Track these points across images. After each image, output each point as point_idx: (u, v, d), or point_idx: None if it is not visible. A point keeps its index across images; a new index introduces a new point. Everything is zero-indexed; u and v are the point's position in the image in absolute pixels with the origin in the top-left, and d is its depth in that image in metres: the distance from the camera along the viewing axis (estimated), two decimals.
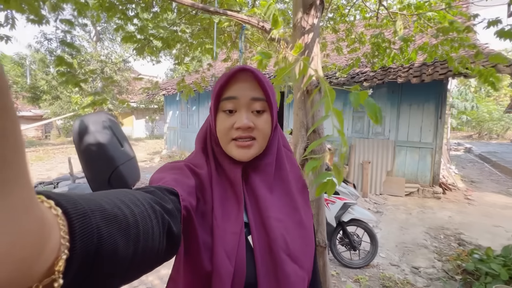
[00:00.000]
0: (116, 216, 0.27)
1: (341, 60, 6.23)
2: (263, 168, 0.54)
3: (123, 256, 0.26)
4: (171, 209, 0.37)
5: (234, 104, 0.50)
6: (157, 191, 0.38)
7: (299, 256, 0.51)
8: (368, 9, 3.56)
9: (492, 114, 16.77)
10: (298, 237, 0.53)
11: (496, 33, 2.46)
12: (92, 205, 0.25)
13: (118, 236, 0.26)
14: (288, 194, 0.56)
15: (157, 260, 0.34)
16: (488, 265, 2.17)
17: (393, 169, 5.06)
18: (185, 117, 8.61)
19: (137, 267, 0.30)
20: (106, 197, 0.28)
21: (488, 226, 3.49)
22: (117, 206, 0.28)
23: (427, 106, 4.72)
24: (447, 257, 2.71)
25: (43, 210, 0.19)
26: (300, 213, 0.55)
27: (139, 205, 0.31)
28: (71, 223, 0.21)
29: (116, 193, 0.31)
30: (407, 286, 2.27)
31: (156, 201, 0.35)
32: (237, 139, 0.50)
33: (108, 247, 0.24)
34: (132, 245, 0.28)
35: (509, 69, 3.52)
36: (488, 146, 12.48)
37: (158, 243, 0.32)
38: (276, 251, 0.48)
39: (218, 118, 0.52)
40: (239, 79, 0.50)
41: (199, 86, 4.06)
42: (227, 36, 3.57)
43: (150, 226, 0.31)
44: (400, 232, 3.37)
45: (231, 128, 0.50)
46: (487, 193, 5.19)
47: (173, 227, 0.35)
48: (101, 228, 0.24)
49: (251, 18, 1.52)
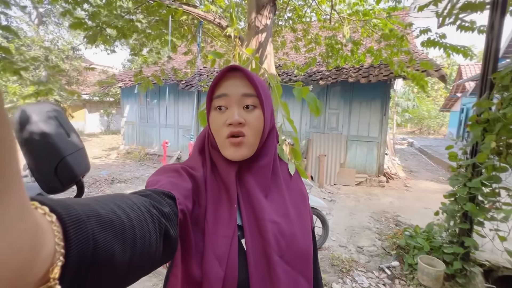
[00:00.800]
0: (112, 221, 0.26)
1: (300, 58, 6.52)
2: (258, 170, 0.54)
3: (120, 260, 0.27)
4: (168, 212, 0.37)
5: (226, 101, 0.51)
6: (153, 195, 0.38)
7: (293, 258, 0.50)
8: (323, 12, 3.82)
9: (430, 113, 19.12)
10: (293, 239, 0.52)
11: (422, 43, 2.85)
12: (87, 211, 0.25)
13: (115, 241, 0.26)
14: (284, 197, 0.55)
15: (154, 263, 0.34)
16: (415, 240, 2.56)
17: (345, 161, 5.53)
18: (144, 111, 8.20)
19: (135, 271, 0.30)
20: (101, 202, 0.28)
21: (420, 209, 4.06)
22: (112, 211, 0.28)
23: (374, 104, 5.24)
24: (386, 236, 3.11)
25: (37, 216, 0.19)
26: (297, 216, 0.55)
27: (136, 209, 0.31)
28: (66, 229, 0.21)
29: (112, 197, 0.31)
30: (352, 263, 2.57)
31: (153, 204, 0.35)
32: (230, 136, 0.50)
33: (104, 252, 0.24)
34: (129, 249, 0.28)
35: (437, 74, 4.09)
36: (426, 141, 14.21)
37: (155, 247, 0.32)
38: (270, 253, 0.48)
39: (211, 116, 0.52)
40: (230, 78, 0.51)
41: (158, 79, 3.94)
42: (187, 29, 3.52)
43: (146, 230, 0.31)
44: (349, 217, 3.74)
45: (223, 125, 0.50)
46: (422, 180, 5.98)
47: (170, 231, 0.35)
48: (96, 233, 0.24)
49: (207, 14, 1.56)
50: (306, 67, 4.08)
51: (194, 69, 4.40)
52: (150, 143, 8.16)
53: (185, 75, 4.97)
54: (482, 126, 2.00)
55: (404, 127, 20.98)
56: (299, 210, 0.56)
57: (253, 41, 1.66)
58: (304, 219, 0.56)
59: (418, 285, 2.18)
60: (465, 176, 2.15)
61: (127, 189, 5.00)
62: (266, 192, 0.54)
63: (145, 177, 5.89)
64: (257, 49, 1.68)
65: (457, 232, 2.28)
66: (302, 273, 0.51)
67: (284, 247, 0.50)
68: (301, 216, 0.56)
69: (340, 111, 5.55)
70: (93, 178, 5.45)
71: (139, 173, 6.22)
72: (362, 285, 2.23)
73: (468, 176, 2.14)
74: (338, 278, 2.32)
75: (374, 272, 2.42)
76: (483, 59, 2.17)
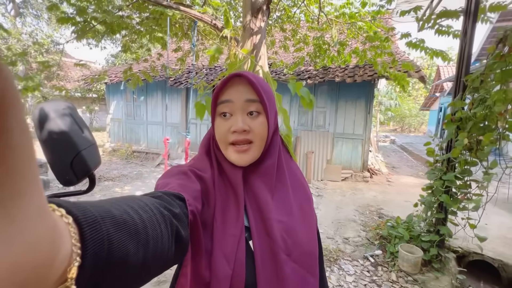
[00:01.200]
0: (125, 222, 0.27)
1: (289, 57, 6.65)
2: (264, 170, 0.55)
3: (134, 260, 0.27)
4: (179, 213, 0.37)
5: (230, 107, 0.51)
6: (164, 196, 0.39)
7: (300, 256, 0.51)
8: (311, 13, 3.94)
9: (411, 111, 19.94)
10: (299, 238, 0.53)
11: (407, 43, 3.04)
12: (102, 212, 0.25)
13: (128, 241, 0.27)
14: (289, 195, 0.57)
15: (167, 263, 0.34)
16: (396, 230, 2.75)
17: (332, 158, 5.74)
18: (131, 108, 8.05)
19: (148, 271, 0.31)
20: (115, 204, 0.29)
21: (401, 202, 4.31)
22: (126, 212, 0.28)
23: (359, 103, 5.46)
24: (370, 228, 3.31)
25: (55, 218, 0.20)
26: (301, 215, 0.56)
27: (148, 210, 0.32)
28: (82, 230, 0.22)
29: (125, 199, 0.32)
30: (339, 253, 2.72)
31: (164, 205, 0.36)
32: (235, 143, 0.51)
33: (119, 252, 0.25)
34: (142, 250, 0.28)
35: (417, 74, 4.34)
36: (407, 138, 14.85)
37: (167, 247, 0.33)
38: (277, 252, 0.49)
39: (215, 123, 0.53)
40: (234, 84, 0.52)
41: (148, 76, 3.93)
42: (178, 27, 3.53)
43: (159, 230, 0.31)
44: (336, 211, 3.92)
45: (228, 132, 0.51)
46: (403, 176, 6.31)
47: (181, 231, 0.36)
48: (111, 234, 0.25)
49: (203, 16, 1.61)
50: (294, 66, 4.20)
51: (184, 66, 4.41)
52: (137, 140, 8.04)
53: (176, 72, 4.96)
54: (456, 124, 2.19)
55: (386, 125, 21.76)
56: (303, 209, 0.58)
57: (248, 42, 1.74)
58: (308, 217, 0.57)
59: (399, 271, 2.37)
60: (441, 170, 2.35)
61: (115, 186, 4.94)
62: (272, 192, 0.54)
63: (132, 175, 5.83)
64: (252, 50, 1.76)
65: (433, 221, 2.48)
66: (309, 271, 0.52)
67: (291, 245, 0.51)
68: (305, 214, 0.57)
69: (327, 110, 5.73)
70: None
71: (127, 171, 6.14)
72: (348, 273, 2.39)
73: (443, 170, 2.33)
74: (326, 267, 2.47)
75: (359, 260, 2.59)
76: (457, 62, 2.37)
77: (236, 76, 0.52)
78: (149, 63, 4.12)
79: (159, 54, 4.12)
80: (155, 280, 2.22)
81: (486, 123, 1.97)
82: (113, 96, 8.31)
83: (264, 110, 0.53)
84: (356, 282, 2.27)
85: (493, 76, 1.83)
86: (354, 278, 2.32)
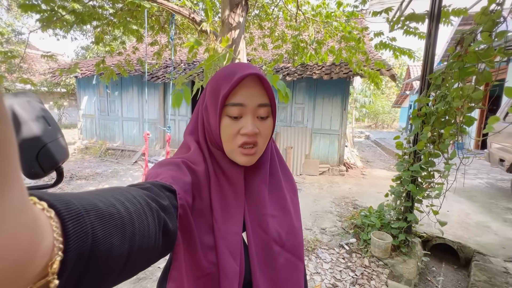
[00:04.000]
0: (111, 215, 0.27)
1: (268, 54, 6.70)
2: (260, 165, 0.56)
3: (119, 254, 0.27)
4: (167, 205, 0.37)
5: (241, 110, 0.50)
6: (153, 187, 0.38)
7: (293, 246, 0.55)
8: (289, 11, 4.01)
9: (384, 108, 20.96)
10: (290, 229, 0.56)
11: (375, 45, 3.20)
12: (86, 205, 0.25)
13: (114, 235, 0.26)
14: (280, 189, 0.59)
15: (154, 257, 0.34)
16: (369, 219, 2.93)
17: (310, 153, 5.91)
18: (104, 103, 7.69)
19: (134, 264, 0.30)
20: (101, 196, 0.28)
21: (374, 193, 4.56)
22: (111, 205, 0.28)
23: (335, 99, 5.67)
24: (345, 218, 3.48)
25: (36, 212, 0.19)
26: (290, 207, 0.59)
27: (135, 202, 0.31)
28: (65, 224, 0.22)
29: (112, 190, 0.31)
30: (316, 242, 2.85)
31: (152, 197, 0.35)
32: (243, 145, 0.50)
33: (103, 246, 0.25)
34: (128, 243, 0.28)
35: (389, 73, 4.59)
36: (381, 134, 15.62)
37: (154, 240, 0.32)
38: (271, 245, 0.51)
39: (223, 123, 0.51)
40: (247, 86, 0.50)
41: (123, 70, 3.79)
42: (155, 20, 3.43)
43: (146, 223, 0.31)
44: (314, 204, 4.07)
45: (237, 134, 0.50)
46: (376, 169, 6.66)
47: (169, 224, 0.36)
48: (95, 227, 0.24)
49: (182, 9, 1.60)
50: (273, 63, 4.26)
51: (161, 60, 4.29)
52: (112, 137, 7.71)
53: (153, 67, 4.81)
54: (421, 119, 2.37)
55: (362, 122, 22.69)
56: (292, 200, 0.61)
57: (226, 37, 1.76)
58: (297, 208, 0.62)
59: (371, 256, 2.53)
60: (408, 162, 2.53)
61: (88, 185, 4.73)
62: (267, 186, 0.56)
63: (107, 173, 5.60)
64: (231, 44, 1.78)
65: (402, 210, 2.68)
66: (300, 258, 0.57)
67: (284, 237, 0.54)
68: (295, 206, 0.61)
69: (305, 106, 5.88)
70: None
71: (101, 169, 5.88)
72: (325, 260, 2.51)
73: (410, 162, 2.52)
74: (304, 256, 2.57)
75: (335, 249, 2.73)
76: (422, 61, 2.55)
77: (249, 75, 0.49)
78: (124, 56, 3.97)
79: (135, 47, 3.97)
80: (133, 277, 2.19)
81: (447, 117, 2.16)
82: (84, 90, 7.87)
83: (272, 113, 0.53)
84: (332, 269, 2.39)
85: (452, 75, 2.00)
86: (331, 265, 2.44)
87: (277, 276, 0.52)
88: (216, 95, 0.50)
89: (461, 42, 1.87)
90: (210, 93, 0.52)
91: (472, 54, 1.73)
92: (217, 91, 0.50)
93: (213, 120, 0.51)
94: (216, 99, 0.50)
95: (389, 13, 2.94)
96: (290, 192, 0.62)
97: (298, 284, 0.56)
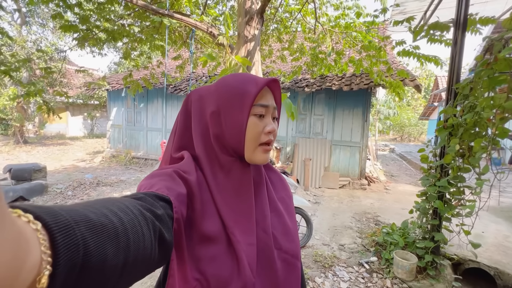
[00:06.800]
0: (103, 226, 0.26)
1: (287, 66, 6.76)
2: (258, 168, 0.58)
3: (113, 265, 0.26)
4: (162, 215, 0.36)
5: (265, 110, 0.54)
6: (146, 197, 0.37)
7: (290, 246, 0.56)
8: (307, 23, 4.04)
9: (411, 121, 20.02)
10: (287, 229, 0.57)
11: (398, 52, 3.10)
12: (76, 216, 0.24)
13: (107, 246, 0.25)
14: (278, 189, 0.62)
15: (150, 267, 0.33)
16: (392, 236, 2.74)
17: (329, 165, 5.75)
18: (131, 114, 8.14)
19: (129, 275, 0.29)
20: (91, 207, 0.28)
21: (398, 209, 4.29)
22: (104, 215, 0.27)
23: (356, 111, 5.52)
24: (366, 235, 3.29)
25: (19, 225, 0.18)
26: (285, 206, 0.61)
27: (128, 212, 0.31)
28: (53, 236, 0.21)
29: (103, 201, 0.31)
30: (334, 259, 2.71)
31: (146, 207, 0.35)
32: (267, 143, 0.54)
33: (97, 258, 0.24)
34: (123, 254, 0.27)
35: (413, 83, 4.41)
36: (407, 147, 14.87)
37: (150, 250, 0.32)
38: (270, 246, 0.53)
39: (250, 121, 0.52)
40: (265, 89, 0.54)
41: (148, 83, 4.00)
42: (178, 35, 3.63)
43: (140, 233, 0.30)
44: (332, 218, 3.91)
45: (262, 132, 0.53)
46: (401, 184, 6.30)
47: (165, 233, 0.35)
48: (87, 239, 0.23)
49: (200, 24, 1.67)
50: (292, 75, 4.28)
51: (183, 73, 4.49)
52: (137, 146, 8.08)
53: (175, 80, 5.03)
54: (448, 130, 2.22)
55: (386, 134, 21.81)
56: (285, 200, 0.62)
57: (242, 49, 1.80)
58: (290, 208, 0.63)
59: (394, 277, 2.35)
60: (435, 176, 2.36)
61: (113, 192, 4.95)
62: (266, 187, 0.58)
63: (131, 180, 5.84)
64: (246, 56, 1.82)
65: (428, 228, 2.48)
66: (297, 257, 0.57)
67: (282, 238, 0.55)
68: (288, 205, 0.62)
69: (324, 117, 5.79)
70: (78, 182, 5.35)
71: (125, 177, 6.15)
72: (343, 279, 2.37)
73: (437, 176, 2.35)
74: (320, 273, 2.45)
75: (354, 267, 2.58)
76: (448, 71, 2.42)
77: (274, 81, 0.55)
78: (149, 70, 4.21)
79: (159, 61, 4.20)
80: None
81: (477, 129, 2.01)
82: (114, 102, 8.41)
83: (278, 116, 0.59)
84: None
85: (481, 84, 1.87)
86: (349, 284, 2.30)
87: (276, 277, 0.52)
88: (241, 97, 0.51)
89: (490, 49, 1.76)
90: (232, 96, 0.52)
91: (502, 61, 1.62)
92: (242, 93, 0.52)
93: (237, 121, 0.51)
94: (242, 100, 0.51)
95: (411, 22, 2.86)
96: (281, 190, 0.63)
97: (297, 284, 0.57)
